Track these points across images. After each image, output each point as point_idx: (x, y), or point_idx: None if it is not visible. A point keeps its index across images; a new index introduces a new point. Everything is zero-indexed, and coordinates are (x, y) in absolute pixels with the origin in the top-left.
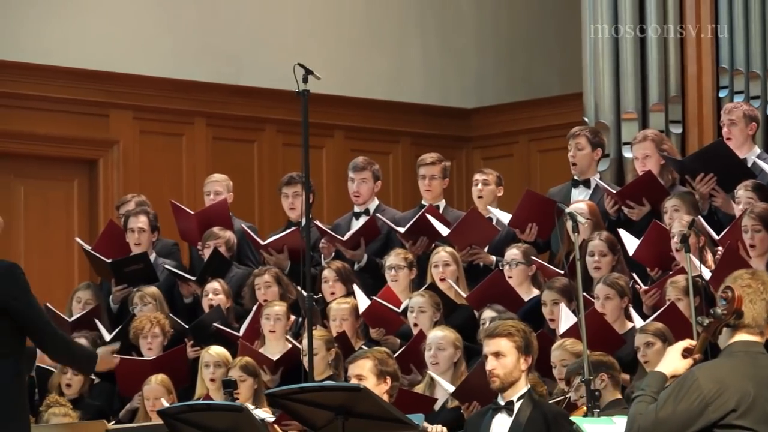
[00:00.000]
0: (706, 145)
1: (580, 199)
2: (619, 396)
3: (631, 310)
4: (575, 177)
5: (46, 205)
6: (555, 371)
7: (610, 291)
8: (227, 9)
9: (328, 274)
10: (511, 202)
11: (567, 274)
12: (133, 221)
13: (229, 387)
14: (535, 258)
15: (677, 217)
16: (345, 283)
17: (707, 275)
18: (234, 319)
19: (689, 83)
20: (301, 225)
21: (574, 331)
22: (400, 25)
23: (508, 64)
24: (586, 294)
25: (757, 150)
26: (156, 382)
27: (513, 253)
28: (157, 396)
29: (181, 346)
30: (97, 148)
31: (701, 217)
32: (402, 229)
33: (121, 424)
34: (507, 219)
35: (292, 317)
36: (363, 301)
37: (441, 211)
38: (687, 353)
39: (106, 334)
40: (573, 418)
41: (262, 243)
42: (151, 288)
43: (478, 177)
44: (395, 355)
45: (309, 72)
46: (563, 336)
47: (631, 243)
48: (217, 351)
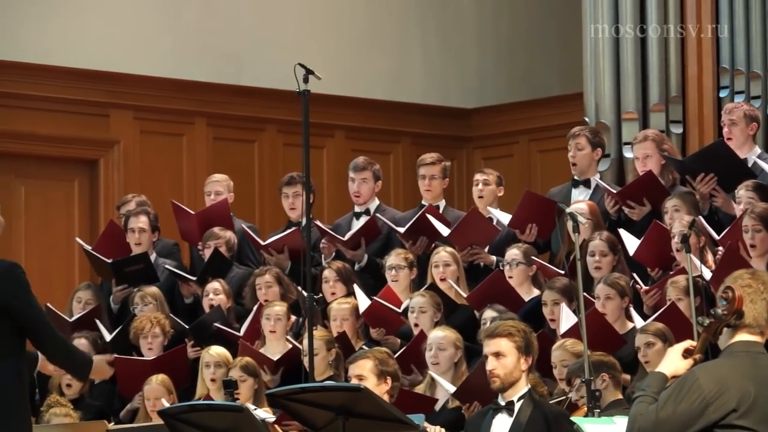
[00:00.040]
0: (706, 145)
1: (580, 200)
2: (620, 396)
3: (632, 311)
4: (575, 177)
5: (46, 205)
6: (555, 371)
7: (610, 291)
8: (228, 9)
9: (328, 274)
10: (511, 202)
11: (567, 274)
12: (134, 221)
13: (230, 387)
14: (535, 258)
15: (678, 217)
16: (345, 283)
17: (708, 275)
18: (234, 319)
19: (690, 83)
20: (301, 225)
21: (575, 331)
22: (400, 25)
23: (508, 64)
24: (587, 294)
25: (758, 150)
26: (156, 383)
27: (513, 253)
28: (157, 396)
29: (181, 346)
30: (97, 148)
31: (702, 217)
32: (402, 229)
33: (122, 425)
34: (507, 220)
35: (293, 317)
36: (363, 302)
37: (441, 211)
38: (687, 354)
39: (106, 334)
40: (574, 419)
41: (263, 243)
42: (151, 288)
43: (478, 177)
44: (396, 356)
45: (309, 72)
46: (564, 336)
47: (631, 243)
48: (217, 351)
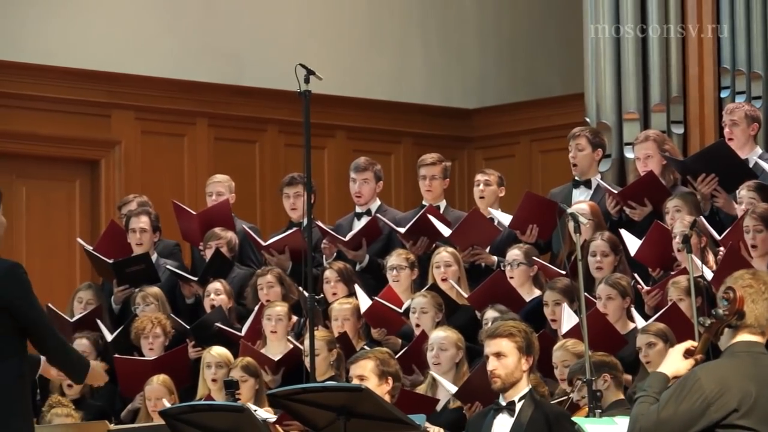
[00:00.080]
0: (707, 146)
1: (581, 200)
2: (621, 396)
3: (633, 311)
4: (576, 178)
5: (47, 205)
6: (557, 372)
7: (612, 291)
8: (228, 9)
9: (329, 274)
10: (512, 202)
11: (569, 275)
12: (135, 221)
13: (231, 387)
14: (536, 258)
15: (679, 217)
16: (346, 283)
17: (709, 276)
18: (236, 319)
19: (691, 83)
20: (302, 225)
21: (576, 332)
22: (401, 25)
23: (509, 64)
24: (588, 294)
25: (759, 150)
26: (157, 383)
27: (514, 253)
28: (158, 396)
29: (182, 346)
30: (98, 148)
31: (703, 217)
32: (402, 230)
33: (123, 425)
34: (507, 220)
35: (294, 318)
36: (364, 302)
37: (442, 211)
38: (689, 354)
39: (107, 335)
40: (575, 419)
41: (264, 244)
42: (153, 288)
43: (479, 177)
44: (397, 356)
45: (311, 72)
46: (565, 336)
47: (632, 243)
48: (218, 351)
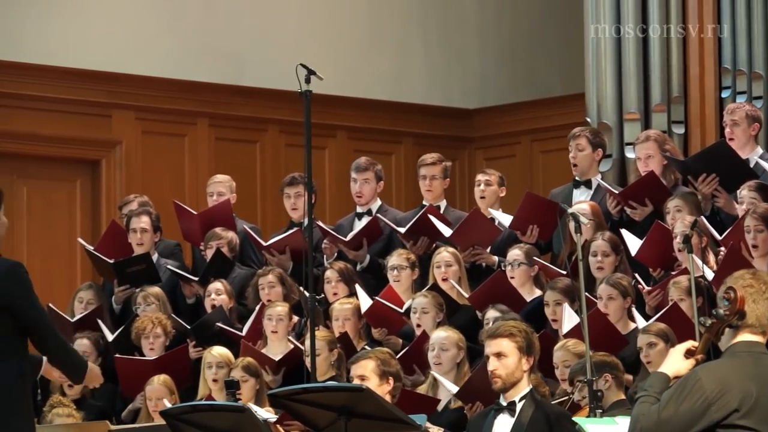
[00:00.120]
0: (708, 146)
1: (581, 200)
2: (622, 397)
3: (634, 311)
4: (576, 178)
5: (48, 205)
6: (557, 372)
7: (613, 291)
8: (229, 9)
9: (330, 274)
10: (513, 202)
11: (569, 275)
12: (136, 221)
13: (232, 387)
14: (537, 258)
15: (680, 217)
16: (347, 283)
17: (710, 276)
18: (236, 319)
19: (692, 84)
20: (303, 225)
21: (577, 332)
22: (402, 25)
23: (510, 64)
24: (589, 294)
25: (760, 150)
26: (158, 383)
27: (515, 253)
28: (159, 396)
29: (183, 346)
30: (99, 148)
31: (704, 217)
32: (402, 230)
33: (124, 425)
34: (508, 221)
35: (295, 318)
36: (365, 302)
37: (442, 211)
38: (689, 354)
39: (108, 335)
40: (576, 419)
41: (265, 244)
42: (154, 288)
43: (480, 177)
44: (398, 356)
45: (311, 72)
46: (566, 336)
47: (633, 243)
48: (219, 351)
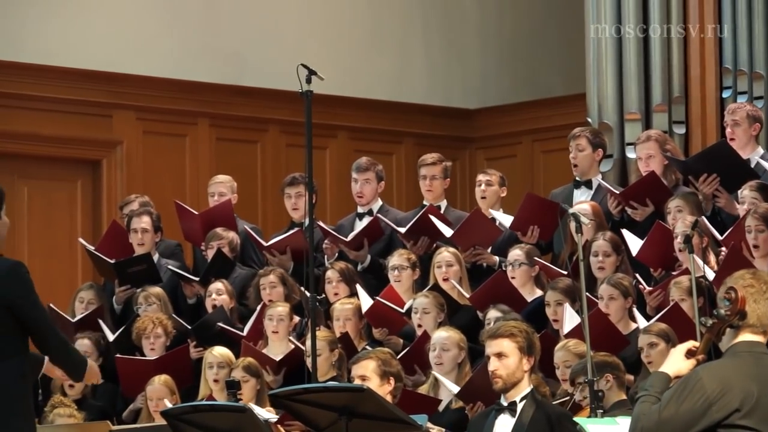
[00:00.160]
0: (709, 146)
1: (582, 200)
2: (623, 397)
3: (635, 311)
4: (577, 178)
5: (49, 205)
6: (558, 372)
7: (614, 291)
8: (230, 9)
9: (331, 274)
10: (514, 202)
11: (570, 275)
12: (136, 222)
13: (233, 388)
14: (538, 259)
15: (680, 217)
16: (348, 283)
17: (711, 276)
18: (237, 319)
19: (692, 84)
20: (304, 226)
21: (578, 332)
22: (403, 25)
23: (511, 64)
24: (590, 294)
25: (761, 150)
26: (159, 383)
27: (516, 253)
28: (160, 396)
29: (183, 346)
30: (100, 148)
31: (704, 217)
32: (403, 230)
33: (125, 425)
34: (509, 222)
35: (296, 318)
36: (366, 302)
37: (442, 211)
38: (690, 354)
39: (109, 335)
40: (577, 419)
41: (265, 244)
42: (155, 288)
43: (481, 177)
44: (399, 356)
45: (312, 72)
46: (567, 336)
47: (634, 243)
48: (220, 352)
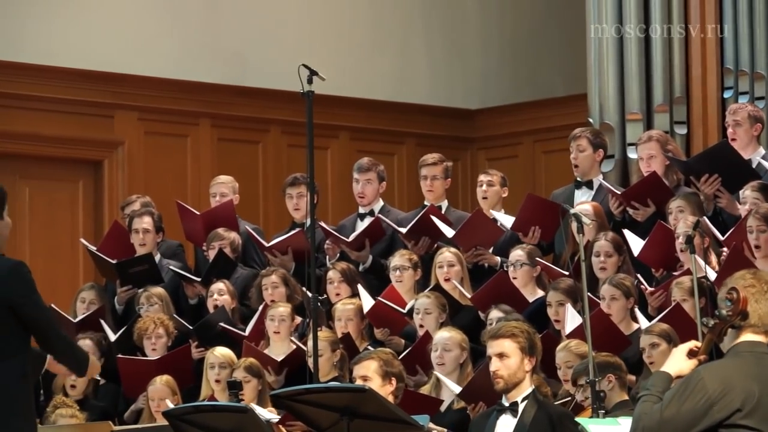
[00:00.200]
0: (710, 146)
1: (583, 200)
2: (625, 397)
3: (637, 311)
4: (578, 178)
5: (51, 206)
6: (560, 373)
7: (615, 291)
8: (232, 9)
9: (333, 275)
10: (515, 203)
11: (572, 275)
12: (138, 222)
13: (234, 388)
14: (539, 259)
15: (682, 217)
16: (350, 284)
17: (712, 276)
18: (239, 319)
19: (694, 84)
20: (305, 226)
21: (580, 332)
22: (404, 26)
23: (512, 64)
24: (592, 295)
25: (762, 151)
26: (161, 383)
27: (517, 254)
28: (161, 397)
29: (185, 346)
30: (101, 149)
31: (706, 217)
32: (404, 230)
33: (127, 425)
34: (510, 222)
35: (297, 318)
36: (368, 302)
37: (443, 211)
38: (692, 354)
39: (111, 335)
40: (578, 419)
41: (267, 245)
42: (157, 288)
43: (482, 178)
44: (401, 356)
45: (314, 73)
46: (569, 337)
47: (636, 244)
48: (222, 352)
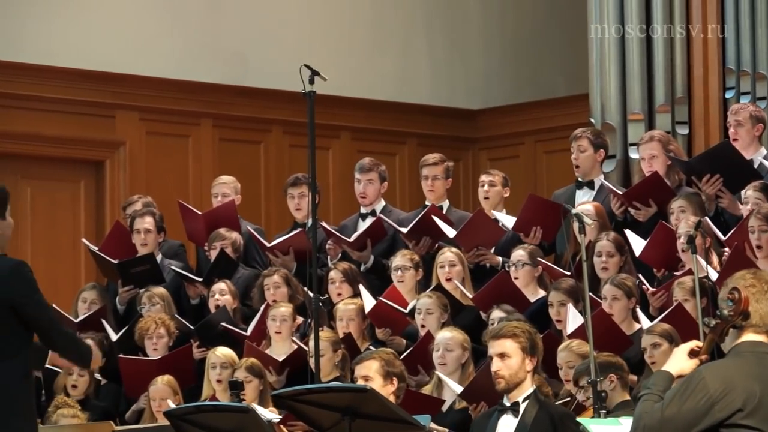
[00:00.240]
0: (712, 146)
1: (585, 201)
2: (627, 397)
3: (639, 311)
4: (579, 179)
5: (52, 206)
6: (561, 373)
7: (617, 292)
8: (233, 9)
9: (334, 275)
10: (517, 203)
11: (574, 275)
12: (139, 222)
13: (236, 388)
14: (541, 259)
15: (684, 218)
16: (351, 284)
17: (714, 276)
18: (240, 320)
19: (696, 84)
20: (307, 226)
21: (581, 332)
22: (406, 26)
23: (514, 64)
24: (593, 295)
25: (764, 151)
26: (162, 383)
27: (519, 254)
28: (163, 397)
29: (186, 346)
30: (103, 149)
31: (708, 218)
32: (405, 229)
33: (128, 425)
34: (511, 223)
35: (299, 318)
36: (369, 302)
37: (444, 211)
38: (693, 354)
39: (112, 335)
40: (579, 419)
41: (268, 245)
42: (159, 288)
43: (484, 178)
44: (402, 356)
45: (315, 73)
46: (571, 337)
47: (637, 244)
48: (223, 352)
